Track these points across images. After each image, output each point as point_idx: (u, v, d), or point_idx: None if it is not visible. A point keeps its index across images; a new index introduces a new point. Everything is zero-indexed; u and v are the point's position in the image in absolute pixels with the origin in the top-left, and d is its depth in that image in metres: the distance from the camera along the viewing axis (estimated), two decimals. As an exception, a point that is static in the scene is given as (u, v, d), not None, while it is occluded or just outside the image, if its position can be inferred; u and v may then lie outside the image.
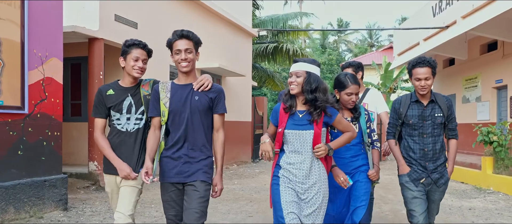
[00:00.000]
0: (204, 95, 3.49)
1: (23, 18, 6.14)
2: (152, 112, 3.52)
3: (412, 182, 4.18)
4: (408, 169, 4.20)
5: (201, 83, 3.50)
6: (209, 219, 6.46)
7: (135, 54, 3.62)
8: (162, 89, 3.51)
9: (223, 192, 3.74)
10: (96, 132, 3.70)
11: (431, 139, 4.15)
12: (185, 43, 3.44)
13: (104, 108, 3.69)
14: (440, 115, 4.15)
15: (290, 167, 3.49)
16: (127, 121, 3.67)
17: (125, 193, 3.61)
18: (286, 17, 22.52)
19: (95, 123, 3.71)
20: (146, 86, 3.75)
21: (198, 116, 3.46)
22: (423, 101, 4.17)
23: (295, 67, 3.50)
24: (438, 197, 4.28)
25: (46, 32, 6.53)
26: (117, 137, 3.68)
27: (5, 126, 5.91)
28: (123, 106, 3.67)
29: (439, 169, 4.18)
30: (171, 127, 3.48)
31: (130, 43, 3.66)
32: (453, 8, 13.90)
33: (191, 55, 3.47)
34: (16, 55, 6.02)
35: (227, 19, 14.56)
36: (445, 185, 4.25)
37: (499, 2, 11.26)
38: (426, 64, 4.03)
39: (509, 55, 13.42)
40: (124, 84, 3.73)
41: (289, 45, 21.34)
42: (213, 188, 3.53)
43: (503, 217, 6.89)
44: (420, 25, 15.99)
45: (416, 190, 4.16)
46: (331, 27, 57.92)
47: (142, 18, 9.97)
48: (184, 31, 3.45)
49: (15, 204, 5.96)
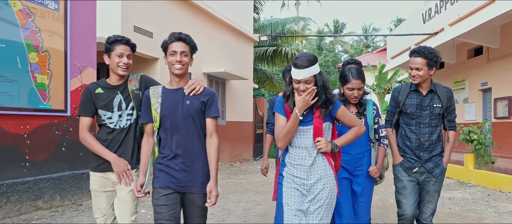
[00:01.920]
0: (195, 99, 3.36)
1: (66, 32, 7.13)
2: (144, 118, 3.42)
3: (404, 171, 4.17)
4: (400, 158, 4.19)
5: (192, 87, 3.37)
6: (223, 205, 7.49)
7: (118, 51, 3.53)
8: (153, 95, 3.40)
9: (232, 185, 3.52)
10: (82, 132, 3.62)
11: (428, 129, 4.10)
12: (182, 46, 3.32)
13: (92, 107, 3.59)
14: (438, 105, 4.09)
15: (294, 163, 3.36)
16: (119, 118, 3.58)
17: (126, 197, 3.55)
18: (285, 22, 23.51)
19: (81, 122, 3.63)
20: (134, 81, 3.67)
21: (190, 121, 3.33)
22: (422, 91, 4.11)
23: (301, 74, 3.24)
24: (433, 187, 4.17)
25: (83, 44, 7.51)
26: (109, 135, 3.59)
27: (53, 126, 6.91)
28: (114, 104, 3.57)
29: (434, 159, 4.13)
30: (164, 133, 3.37)
31: (112, 40, 3.57)
32: (441, 16, 14.92)
33: (186, 59, 3.35)
34: (60, 66, 7.01)
35: (231, 26, 15.55)
36: (442, 176, 4.17)
37: (482, 11, 12.27)
38: (420, 54, 3.97)
39: (493, 60, 14.41)
40: (111, 82, 3.63)
41: (287, 49, 22.40)
42: (208, 196, 3.30)
43: (477, 204, 7.93)
44: (411, 31, 16.99)
45: (407, 180, 4.15)
46: (328, 28, 59.06)
47: (156, 28, 10.97)
48: (182, 34, 3.35)
49: (61, 192, 6.96)
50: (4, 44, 6.09)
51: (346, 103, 3.99)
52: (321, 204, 3.29)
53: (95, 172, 3.63)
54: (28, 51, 6.43)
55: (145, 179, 3.33)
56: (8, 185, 6.13)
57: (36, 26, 6.58)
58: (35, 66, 6.55)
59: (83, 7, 7.54)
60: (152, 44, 10.69)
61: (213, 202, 3.29)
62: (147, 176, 3.36)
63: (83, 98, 3.62)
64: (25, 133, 6.46)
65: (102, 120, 3.59)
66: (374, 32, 59.69)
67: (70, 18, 7.22)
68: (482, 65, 15.17)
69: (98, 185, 3.61)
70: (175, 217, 3.27)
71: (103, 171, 3.58)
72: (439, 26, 15.06)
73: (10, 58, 6.20)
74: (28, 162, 6.50)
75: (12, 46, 6.23)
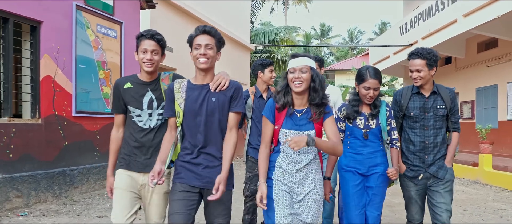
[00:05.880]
0: (221, 95, 3.17)
1: (121, 52, 9.23)
2: (167, 112, 3.23)
3: (410, 181, 4.07)
4: (404, 168, 4.07)
5: (218, 82, 3.17)
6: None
7: (143, 46, 3.31)
8: (177, 89, 3.21)
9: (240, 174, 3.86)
10: (113, 129, 3.51)
11: (433, 131, 3.98)
12: (206, 39, 3.13)
13: (121, 103, 3.40)
14: (442, 106, 3.97)
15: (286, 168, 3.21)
16: (149, 117, 3.36)
17: (160, 200, 3.39)
18: (277, 31, 25.68)
19: (115, 119, 3.50)
20: (166, 80, 3.47)
21: (216, 119, 3.15)
22: (424, 93, 4.01)
23: (299, 62, 3.14)
24: (443, 188, 3.97)
25: (133, 60, 9.54)
26: (138, 134, 3.37)
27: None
28: (144, 101, 3.36)
29: (437, 162, 3.99)
30: (187, 130, 3.19)
31: (138, 35, 3.39)
32: (415, 30, 16.98)
33: (211, 52, 3.13)
34: (118, 77, 9.11)
35: (232, 37, 17.67)
36: (449, 175, 3.98)
37: (448, 28, 14.15)
38: (418, 56, 3.89)
39: (460, 68, 16.69)
40: (142, 78, 3.42)
41: (279, 55, 24.63)
42: (216, 186, 3.01)
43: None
44: (391, 41, 19.15)
45: (413, 190, 4.06)
46: (314, 31, 61.09)
47: (176, 43, 13.05)
48: (207, 27, 3.16)
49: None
50: (84, 65, 8.21)
51: (360, 103, 3.87)
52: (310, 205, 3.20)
53: (123, 169, 3.41)
54: (98, 70, 8.56)
55: (160, 168, 3.06)
56: (87, 168, 8.26)
57: (103, 50, 8.70)
58: (102, 81, 8.67)
59: (131, 31, 9.62)
60: (173, 57, 12.77)
61: (217, 196, 3.01)
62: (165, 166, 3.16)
63: (112, 94, 3.48)
64: (96, 131, 8.57)
65: (131, 117, 3.40)
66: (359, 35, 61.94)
67: (124, 42, 9.32)
68: (451, 73, 17.35)
69: (124, 183, 3.38)
70: (189, 214, 3.09)
71: (131, 170, 3.39)
72: (413, 39, 17.09)
73: (88, 75, 8.31)
74: (98, 152, 8.59)
75: (89, 66, 8.36)
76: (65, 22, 7.87)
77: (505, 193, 9.40)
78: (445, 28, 14.57)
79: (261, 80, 5.10)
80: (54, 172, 7.53)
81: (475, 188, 10.14)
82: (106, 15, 8.85)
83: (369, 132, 3.81)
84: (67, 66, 7.88)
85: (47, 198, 7.36)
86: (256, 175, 4.92)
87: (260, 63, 5.11)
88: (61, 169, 7.68)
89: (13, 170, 6.77)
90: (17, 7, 6.90)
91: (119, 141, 3.47)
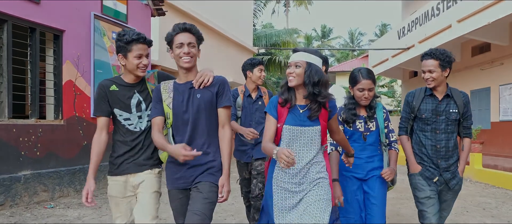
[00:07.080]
0: (206, 91, 3.13)
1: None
2: (153, 112, 3.18)
3: (425, 180, 3.92)
4: (419, 167, 3.95)
5: (201, 80, 3.12)
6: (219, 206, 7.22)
7: (137, 52, 3.17)
8: (164, 90, 3.19)
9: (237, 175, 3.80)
10: (96, 133, 3.30)
11: (444, 135, 3.87)
12: (188, 37, 3.08)
13: (107, 106, 3.27)
14: (455, 110, 3.86)
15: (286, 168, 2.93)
16: (139, 120, 3.28)
17: (148, 199, 3.25)
18: (278, 33, 26.25)
19: (97, 122, 3.31)
20: (152, 79, 3.40)
21: (203, 115, 3.11)
22: (437, 95, 3.90)
23: (294, 57, 3.10)
24: (450, 197, 4.00)
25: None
26: (128, 136, 3.28)
27: (126, 126, 9.64)
28: (132, 104, 3.27)
29: (451, 168, 3.91)
30: (175, 129, 3.17)
31: (128, 39, 3.17)
32: (412, 34, 17.54)
33: (194, 50, 3.10)
34: (130, 83, 9.79)
35: (236, 42, 18.33)
36: (458, 186, 3.96)
37: (443, 33, 14.72)
38: (431, 56, 3.78)
39: (456, 71, 16.95)
40: (128, 80, 3.30)
41: (280, 58, 25.23)
42: (220, 190, 3.06)
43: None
44: (389, 45, 19.77)
45: (429, 190, 3.90)
46: (315, 33, 61.57)
47: (183, 48, 13.67)
48: (187, 24, 3.10)
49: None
50: (101, 70, 8.87)
51: (357, 107, 3.83)
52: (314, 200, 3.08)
53: (114, 176, 3.34)
54: (114, 74, 9.18)
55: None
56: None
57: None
58: (117, 84, 9.32)
59: (142, 39, 10.26)
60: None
61: (225, 197, 3.03)
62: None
63: (96, 97, 3.32)
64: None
65: (118, 120, 3.29)
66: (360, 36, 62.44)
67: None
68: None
69: (118, 191, 3.32)
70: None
71: (123, 174, 3.30)
72: (410, 42, 17.62)
73: (105, 79, 8.97)
74: (113, 151, 9.19)
75: (106, 71, 9.02)
76: (84, 31, 8.53)
77: (492, 189, 9.98)
78: (441, 33, 15.09)
79: (250, 80, 5.10)
80: (75, 168, 8.19)
81: (466, 185, 10.62)
82: (121, 23, 9.51)
83: (369, 135, 3.80)
84: (86, 71, 8.54)
85: (69, 192, 8.02)
86: (244, 178, 5.12)
87: (250, 62, 5.09)
88: (81, 166, 8.33)
89: (40, 167, 7.44)
90: (43, 17, 7.55)
91: (101, 144, 3.28)
